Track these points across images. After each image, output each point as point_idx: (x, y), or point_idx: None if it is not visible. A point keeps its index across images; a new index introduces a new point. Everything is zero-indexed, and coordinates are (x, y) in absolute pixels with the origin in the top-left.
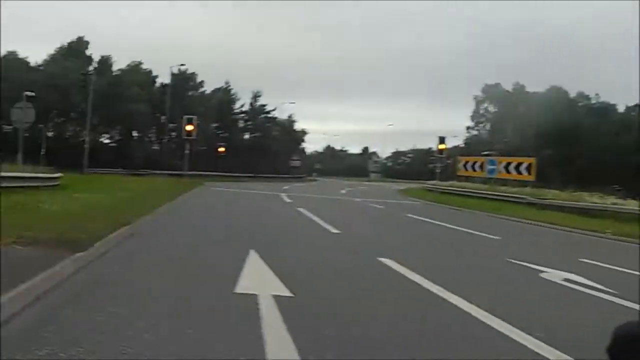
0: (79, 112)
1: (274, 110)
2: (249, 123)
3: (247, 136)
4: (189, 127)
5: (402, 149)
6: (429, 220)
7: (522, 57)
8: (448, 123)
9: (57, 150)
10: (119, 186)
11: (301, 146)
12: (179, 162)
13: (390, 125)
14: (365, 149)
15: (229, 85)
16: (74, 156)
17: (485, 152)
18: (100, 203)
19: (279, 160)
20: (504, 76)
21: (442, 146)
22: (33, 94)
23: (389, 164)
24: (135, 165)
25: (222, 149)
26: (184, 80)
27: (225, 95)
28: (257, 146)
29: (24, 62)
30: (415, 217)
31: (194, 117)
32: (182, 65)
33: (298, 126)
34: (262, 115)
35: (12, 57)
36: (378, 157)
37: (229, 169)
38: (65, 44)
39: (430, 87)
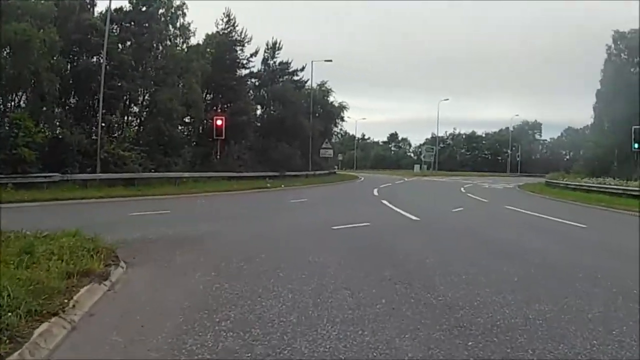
0: None
1: (301, 70)
2: (262, 90)
3: (259, 111)
4: None
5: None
6: None
7: None
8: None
9: None
10: None
11: (338, 128)
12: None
13: (446, 100)
14: (393, 136)
15: (233, 22)
16: None
17: None
18: None
19: (305, 148)
20: None
21: None
22: None
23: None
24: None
25: (220, 122)
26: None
27: (224, 39)
28: (275, 126)
29: None
30: None
31: None
32: None
33: (335, 98)
34: (284, 78)
35: None
36: (410, 144)
37: (225, 163)
38: None
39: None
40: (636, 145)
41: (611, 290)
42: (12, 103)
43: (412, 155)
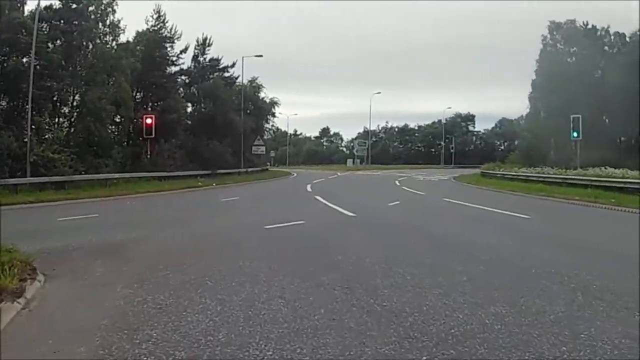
0: None
1: (232, 66)
2: (192, 87)
3: (189, 108)
4: None
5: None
6: None
7: None
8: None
9: None
10: None
11: (269, 124)
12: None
13: (378, 93)
14: (325, 130)
15: (163, 18)
16: None
17: None
18: None
19: (237, 145)
20: None
21: None
22: None
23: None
24: None
25: (149, 121)
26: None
27: (154, 36)
28: (206, 123)
29: None
30: None
31: None
32: None
33: (266, 94)
34: (214, 75)
35: None
36: (342, 139)
37: (156, 163)
38: None
39: None
40: (575, 134)
41: (569, 286)
42: None
43: (344, 149)
